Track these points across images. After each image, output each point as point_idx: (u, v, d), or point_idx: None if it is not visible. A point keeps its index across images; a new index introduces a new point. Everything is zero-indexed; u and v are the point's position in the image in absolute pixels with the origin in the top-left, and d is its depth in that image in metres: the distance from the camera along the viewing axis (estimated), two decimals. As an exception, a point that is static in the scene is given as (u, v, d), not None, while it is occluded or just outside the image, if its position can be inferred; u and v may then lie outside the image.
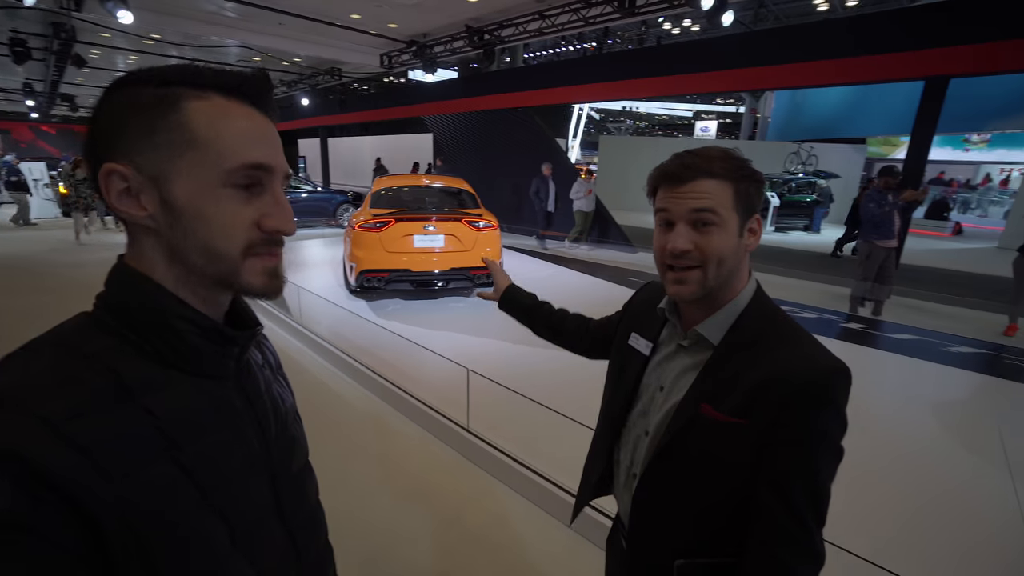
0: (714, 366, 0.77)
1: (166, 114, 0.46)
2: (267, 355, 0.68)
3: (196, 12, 8.14)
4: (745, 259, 0.80)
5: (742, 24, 13.22)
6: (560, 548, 2.04)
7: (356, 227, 4.86)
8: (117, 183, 0.47)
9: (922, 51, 5.19)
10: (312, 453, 0.70)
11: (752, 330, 0.77)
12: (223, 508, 0.49)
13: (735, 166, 0.75)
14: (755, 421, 0.71)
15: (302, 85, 14.11)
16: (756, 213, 0.78)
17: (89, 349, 0.46)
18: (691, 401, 0.77)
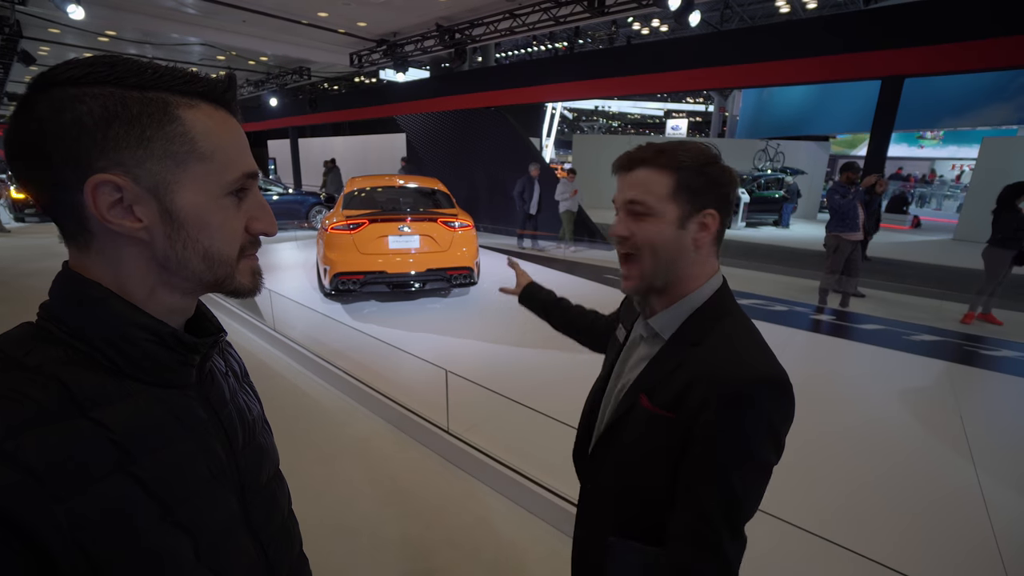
0: (659, 359, 0.78)
1: (162, 124, 0.45)
2: (231, 362, 0.65)
3: (153, 7, 7.83)
4: (701, 253, 0.78)
5: (709, 24, 13.52)
6: (543, 547, 2.04)
7: (329, 229, 4.76)
8: (110, 195, 0.43)
9: (878, 52, 5.40)
10: (288, 460, 0.68)
11: (701, 328, 0.76)
12: (187, 522, 0.47)
13: (680, 158, 0.74)
14: (681, 417, 0.72)
15: (270, 85, 13.76)
16: (709, 207, 0.76)
17: (32, 361, 0.43)
18: (633, 391, 0.80)
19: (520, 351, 3.93)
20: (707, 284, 0.79)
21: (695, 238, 0.76)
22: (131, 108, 0.43)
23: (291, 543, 0.64)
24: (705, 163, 0.75)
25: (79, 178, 0.43)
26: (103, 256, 0.47)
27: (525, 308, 1.44)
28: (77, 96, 0.42)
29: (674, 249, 0.76)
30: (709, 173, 0.75)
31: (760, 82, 6.81)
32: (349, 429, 2.90)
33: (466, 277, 4.97)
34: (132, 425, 0.45)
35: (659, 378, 0.77)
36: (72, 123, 0.42)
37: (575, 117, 33.14)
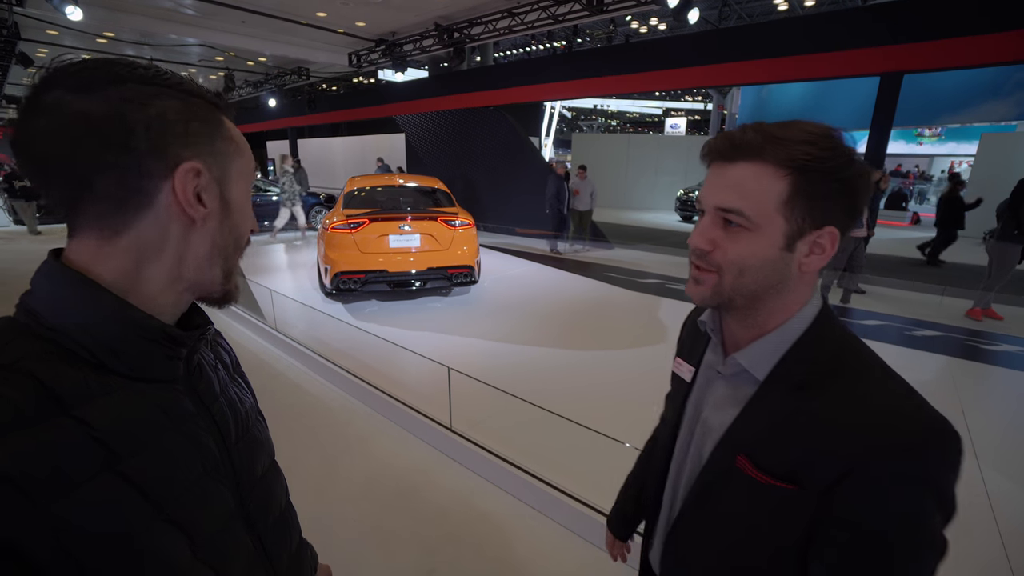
0: (756, 408, 0.60)
1: (219, 126, 0.52)
2: (221, 354, 0.65)
3: (151, 8, 7.83)
4: (803, 277, 0.59)
5: (708, 23, 13.53)
6: (546, 543, 2.04)
7: (330, 229, 4.76)
8: (194, 180, 0.49)
9: (876, 48, 5.41)
10: (291, 458, 0.69)
11: (808, 366, 0.57)
12: (181, 519, 0.46)
13: (804, 153, 0.53)
14: (807, 490, 0.53)
15: (269, 85, 13.75)
16: (830, 223, 0.55)
17: (6, 358, 0.41)
18: (726, 449, 0.62)
19: (521, 348, 3.93)
20: (805, 309, 0.60)
21: (803, 262, 0.57)
22: (199, 110, 0.50)
23: (289, 534, 0.64)
24: (840, 164, 0.54)
25: (166, 165, 0.47)
26: (137, 245, 0.47)
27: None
28: (154, 93, 0.47)
29: (771, 274, 0.58)
30: (843, 177, 0.54)
31: (759, 79, 6.81)
32: (351, 427, 2.90)
33: (467, 276, 4.97)
34: (117, 422, 0.44)
35: (762, 434, 0.59)
36: (157, 116, 0.46)
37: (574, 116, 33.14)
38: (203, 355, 0.58)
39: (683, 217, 12.98)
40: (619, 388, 3.26)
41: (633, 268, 6.98)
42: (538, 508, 2.21)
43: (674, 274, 6.53)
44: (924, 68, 5.36)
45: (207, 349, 0.61)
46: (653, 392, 3.58)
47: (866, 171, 0.56)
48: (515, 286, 5.82)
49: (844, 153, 0.55)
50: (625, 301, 5.34)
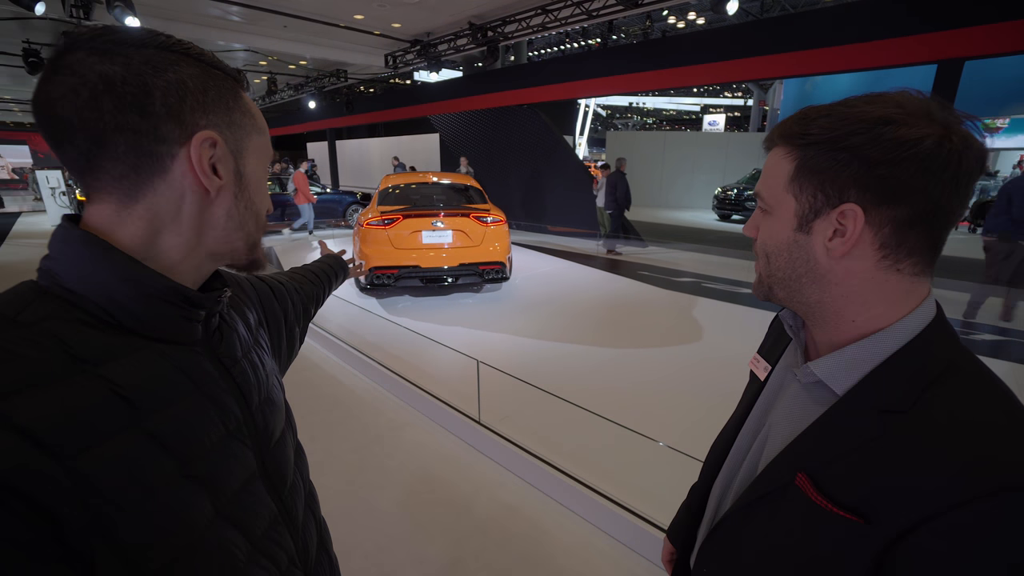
0: (829, 425, 0.53)
1: (237, 98, 0.52)
2: (246, 315, 0.67)
3: (201, 17, 8.22)
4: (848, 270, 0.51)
5: (749, 15, 13.08)
6: (573, 539, 2.02)
7: (364, 225, 4.87)
8: (208, 150, 0.49)
9: (933, 33, 5.08)
10: (324, 446, 0.71)
11: (907, 388, 0.49)
12: (203, 476, 0.47)
13: (812, 127, 0.50)
14: (875, 526, 0.46)
15: (308, 88, 14.21)
16: (848, 200, 0.49)
17: (27, 317, 0.42)
18: (787, 463, 0.55)
19: (552, 344, 3.91)
20: (906, 319, 0.51)
21: (828, 247, 0.51)
22: (219, 81, 0.50)
23: (302, 494, 0.65)
24: (851, 131, 0.47)
25: (183, 132, 0.47)
26: (153, 213, 0.48)
27: None
28: (174, 60, 0.47)
29: (793, 260, 0.54)
30: (851, 148, 0.47)
31: (806, 71, 6.52)
32: (382, 418, 2.95)
33: (498, 272, 4.98)
34: (140, 380, 0.44)
35: (831, 454, 0.51)
36: (176, 82, 0.47)
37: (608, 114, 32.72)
38: (223, 318, 0.59)
39: (721, 216, 12.59)
40: (651, 386, 3.20)
41: (668, 267, 6.83)
42: (565, 504, 2.18)
43: (710, 273, 6.34)
44: (988, 53, 5.00)
45: (229, 311, 0.61)
46: (685, 391, 3.53)
47: (909, 140, 0.45)
48: (547, 283, 5.80)
49: (868, 120, 0.47)
50: (658, 299, 5.22)
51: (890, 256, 0.50)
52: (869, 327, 0.52)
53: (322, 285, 1.02)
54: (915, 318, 0.51)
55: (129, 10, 6.31)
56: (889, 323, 0.51)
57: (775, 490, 0.55)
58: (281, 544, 0.56)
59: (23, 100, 18.08)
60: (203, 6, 7.72)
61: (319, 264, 1.09)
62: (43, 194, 10.77)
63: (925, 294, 0.52)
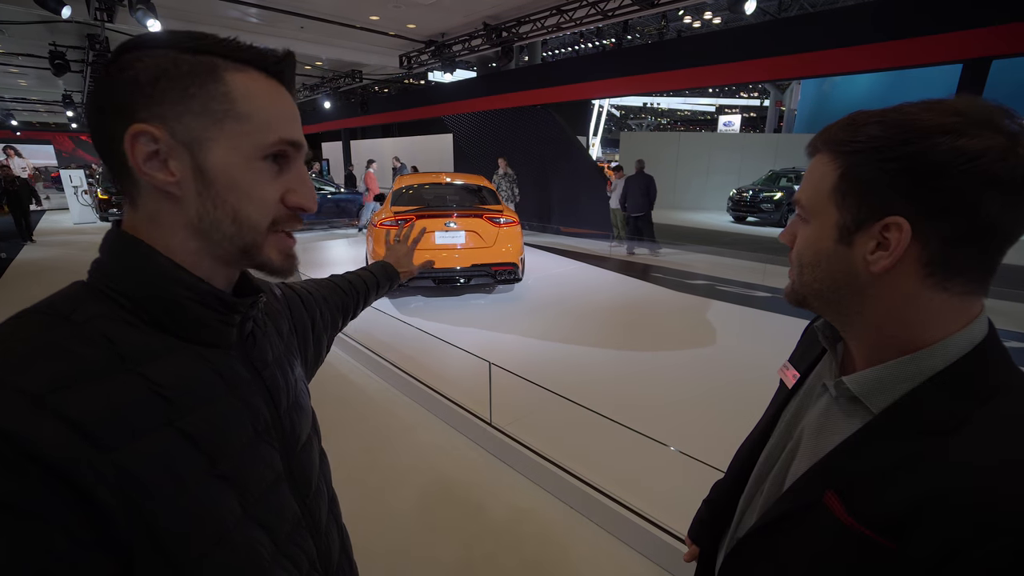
0: (863, 443, 0.50)
1: (205, 83, 0.46)
2: (280, 322, 0.67)
3: (221, 19, 8.35)
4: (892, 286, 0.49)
5: (767, 14, 12.91)
6: (584, 543, 2.00)
7: (378, 225, 4.89)
8: (146, 145, 0.45)
9: (959, 32, 4.95)
10: (337, 447, 0.70)
11: (951, 409, 0.46)
12: (232, 476, 0.48)
13: (860, 135, 0.48)
14: (907, 552, 0.43)
15: (324, 88, 14.36)
16: (893, 214, 0.46)
17: (79, 316, 0.44)
18: (815, 480, 0.52)
19: (564, 346, 3.89)
20: (954, 338, 0.48)
21: (869, 259, 0.48)
22: (181, 67, 0.46)
23: (325, 499, 0.66)
24: (903, 140, 0.45)
25: (123, 129, 0.45)
26: (148, 214, 0.49)
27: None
28: (138, 57, 0.46)
29: (831, 272, 0.52)
30: (901, 159, 0.45)
31: (822, 71, 6.41)
32: (394, 418, 2.96)
33: (510, 273, 4.97)
34: (178, 380, 0.46)
35: (864, 474, 0.48)
36: (130, 80, 0.45)
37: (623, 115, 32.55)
38: (257, 322, 0.59)
39: (736, 218, 12.44)
40: (664, 390, 3.16)
41: (681, 269, 6.76)
42: (577, 508, 2.17)
43: (724, 275, 6.26)
44: (1017, 52, 4.86)
45: (261, 316, 0.62)
46: (699, 396, 3.48)
47: (969, 152, 0.41)
48: (559, 285, 5.77)
49: (921, 128, 0.44)
50: (672, 302, 5.17)
51: (937, 274, 0.46)
52: (912, 345, 0.49)
53: (356, 295, 0.97)
54: (963, 338, 0.48)
55: (151, 13, 6.43)
56: (934, 341, 0.48)
57: (802, 507, 0.53)
58: (303, 547, 0.57)
59: (49, 101, 18.57)
60: (222, 8, 7.84)
61: (363, 272, 1.04)
62: (66, 192, 11.04)
63: (976, 313, 0.49)
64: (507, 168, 8.68)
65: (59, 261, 7.32)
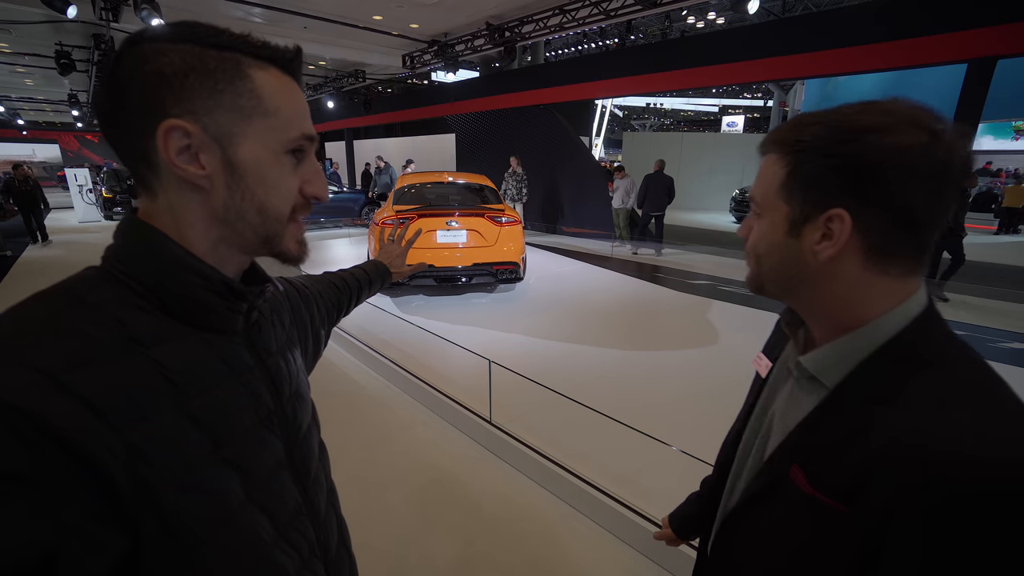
0: (822, 418, 0.54)
1: (233, 79, 0.48)
2: (282, 314, 0.68)
3: (225, 18, 8.38)
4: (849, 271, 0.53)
5: (772, 14, 12.87)
6: (583, 542, 2.00)
7: (379, 224, 4.90)
8: (179, 140, 0.46)
9: (964, 31, 4.92)
10: (337, 444, 0.70)
11: (892, 379, 0.50)
12: (236, 460, 0.49)
13: (804, 135, 0.52)
14: (859, 514, 0.47)
15: (327, 88, 14.39)
16: (835, 206, 0.50)
17: (93, 299, 0.45)
18: (782, 457, 0.57)
19: (564, 346, 3.88)
20: (892, 313, 0.52)
21: (815, 250, 0.53)
22: (208, 63, 0.47)
23: (325, 487, 0.67)
24: (840, 139, 0.49)
25: (154, 123, 0.46)
26: (169, 204, 0.50)
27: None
28: (161, 50, 0.46)
29: (783, 262, 0.56)
30: (840, 155, 0.49)
31: (826, 71, 6.38)
32: (394, 416, 2.96)
33: (511, 272, 4.97)
34: (185, 364, 0.47)
35: (822, 446, 0.53)
36: (153, 73, 0.45)
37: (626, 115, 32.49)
38: (262, 311, 0.61)
39: (738, 218, 12.41)
40: (664, 389, 3.15)
41: (683, 269, 6.74)
42: (576, 507, 2.16)
43: (726, 275, 6.24)
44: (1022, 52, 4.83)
45: (266, 306, 0.63)
46: (699, 395, 3.47)
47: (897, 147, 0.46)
48: (561, 284, 5.77)
49: (855, 127, 0.49)
50: (673, 302, 5.16)
51: (877, 259, 0.51)
52: (857, 323, 0.54)
53: (349, 292, 0.99)
54: (903, 312, 0.52)
55: (155, 12, 6.46)
56: (875, 318, 0.53)
57: (772, 483, 0.58)
58: (304, 534, 0.58)
59: (54, 100, 18.67)
60: (227, 8, 7.88)
61: (356, 270, 1.06)
62: (71, 191, 11.09)
63: (913, 290, 0.53)
64: (518, 167, 8.64)
65: (64, 259, 7.36)
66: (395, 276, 1.16)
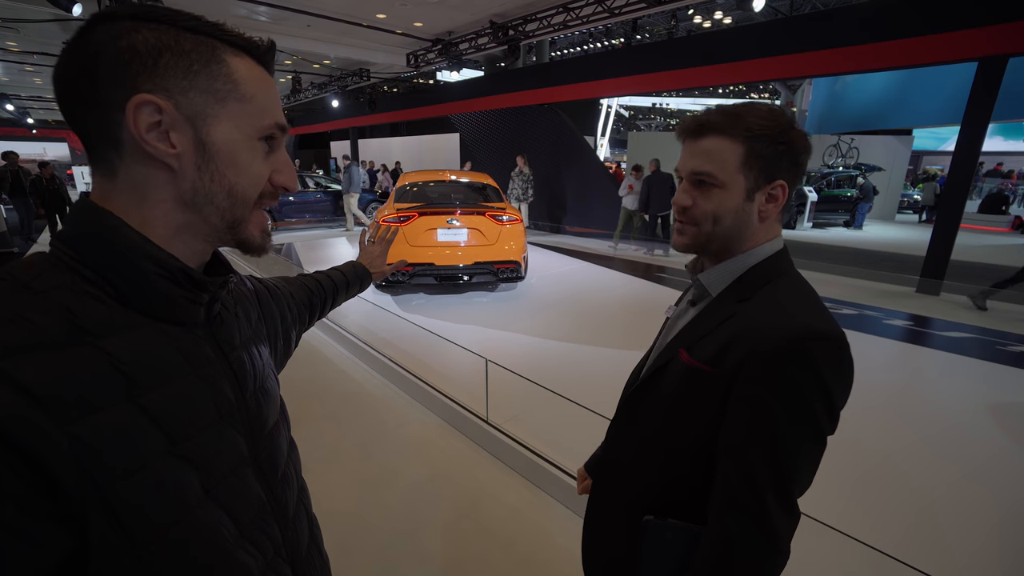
0: (704, 315, 0.76)
1: (208, 62, 0.48)
2: (248, 308, 0.67)
3: (230, 17, 8.39)
4: (767, 221, 0.75)
5: (780, 13, 12.76)
6: (576, 543, 1.95)
7: (380, 221, 4.88)
8: (150, 116, 0.45)
9: (975, 29, 4.84)
10: (332, 442, 0.68)
11: (753, 285, 0.73)
12: (193, 456, 0.48)
13: (752, 124, 0.70)
14: (720, 372, 0.69)
15: (332, 87, 14.41)
16: (780, 178, 0.72)
17: (39, 286, 0.43)
18: (673, 345, 0.78)
19: (564, 345, 3.85)
20: (765, 246, 0.75)
21: (762, 210, 0.73)
22: (183, 44, 0.47)
23: (292, 486, 0.65)
24: (781, 129, 0.70)
25: (124, 97, 0.44)
26: (132, 184, 0.47)
27: None
28: (135, 28, 0.45)
29: (737, 221, 0.74)
30: (785, 141, 0.70)
31: (835, 70, 6.30)
32: (391, 414, 2.94)
33: (512, 271, 4.94)
34: (138, 356, 0.45)
35: (701, 333, 0.74)
36: (127, 48, 0.45)
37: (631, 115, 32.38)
38: (225, 304, 0.59)
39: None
40: (665, 391, 3.11)
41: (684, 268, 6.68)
42: (573, 508, 2.13)
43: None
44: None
45: (230, 298, 0.62)
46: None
47: (802, 135, 0.72)
48: (562, 284, 5.73)
49: (785, 122, 0.71)
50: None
51: (782, 213, 0.76)
52: (747, 247, 0.76)
53: (324, 294, 0.99)
54: (771, 245, 0.76)
55: (160, 10, 6.49)
56: (756, 246, 0.76)
57: (665, 364, 0.78)
58: (268, 534, 0.56)
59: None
60: (231, 6, 7.90)
61: (333, 273, 1.05)
62: (79, 188, 11.19)
63: (779, 233, 0.78)
64: (525, 167, 8.58)
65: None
66: (375, 276, 1.17)
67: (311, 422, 2.79)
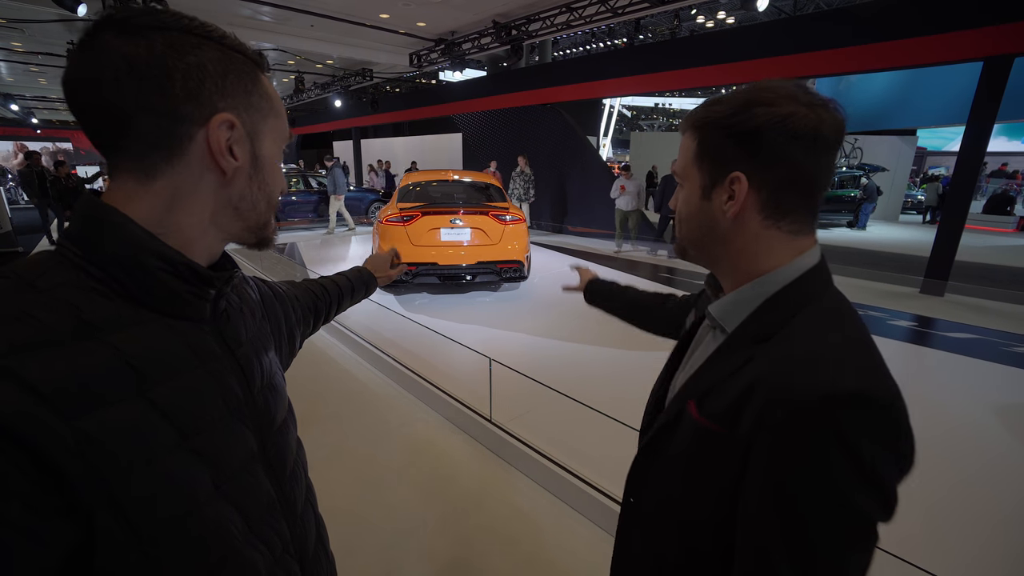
0: (716, 358, 0.62)
1: (256, 81, 0.53)
2: (252, 305, 0.67)
3: (233, 17, 8.42)
4: (751, 227, 0.59)
5: (783, 13, 12.73)
6: (580, 543, 1.96)
7: (384, 221, 4.89)
8: (225, 132, 0.49)
9: (980, 29, 4.82)
10: (336, 441, 0.69)
11: (773, 320, 0.57)
12: (203, 451, 0.48)
13: (706, 112, 0.60)
14: (735, 435, 0.54)
15: (335, 87, 14.44)
16: (734, 171, 0.58)
17: (44, 283, 0.43)
18: (683, 394, 0.64)
19: (568, 345, 3.85)
20: (789, 265, 0.59)
21: (724, 209, 0.60)
22: (239, 65, 0.51)
23: (301, 482, 0.65)
24: (734, 113, 0.57)
25: (201, 114, 0.48)
26: (171, 191, 0.49)
27: (594, 307, 1.30)
28: (196, 44, 0.48)
29: (700, 223, 0.63)
30: (735, 126, 0.57)
31: (838, 69, 6.28)
32: (394, 413, 2.94)
33: (515, 271, 4.94)
34: (147, 351, 0.46)
35: (714, 381, 0.60)
36: (196, 66, 0.47)
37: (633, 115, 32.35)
38: (230, 301, 0.60)
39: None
40: (668, 391, 3.10)
41: (688, 269, 6.68)
42: (575, 507, 2.13)
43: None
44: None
45: (235, 296, 0.62)
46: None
47: (784, 116, 0.54)
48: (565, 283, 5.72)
49: (746, 101, 0.56)
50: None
51: (771, 215, 0.59)
52: (756, 274, 0.61)
53: (329, 299, 0.99)
54: (793, 267, 0.59)
55: (164, 10, 6.51)
56: (771, 270, 0.60)
57: (674, 418, 0.65)
58: (277, 530, 0.56)
59: (68, 99, 18.87)
60: (235, 6, 7.91)
61: (338, 278, 1.06)
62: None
63: (807, 247, 0.60)
64: (526, 167, 8.58)
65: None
66: (380, 281, 1.19)
67: (315, 421, 2.79)
